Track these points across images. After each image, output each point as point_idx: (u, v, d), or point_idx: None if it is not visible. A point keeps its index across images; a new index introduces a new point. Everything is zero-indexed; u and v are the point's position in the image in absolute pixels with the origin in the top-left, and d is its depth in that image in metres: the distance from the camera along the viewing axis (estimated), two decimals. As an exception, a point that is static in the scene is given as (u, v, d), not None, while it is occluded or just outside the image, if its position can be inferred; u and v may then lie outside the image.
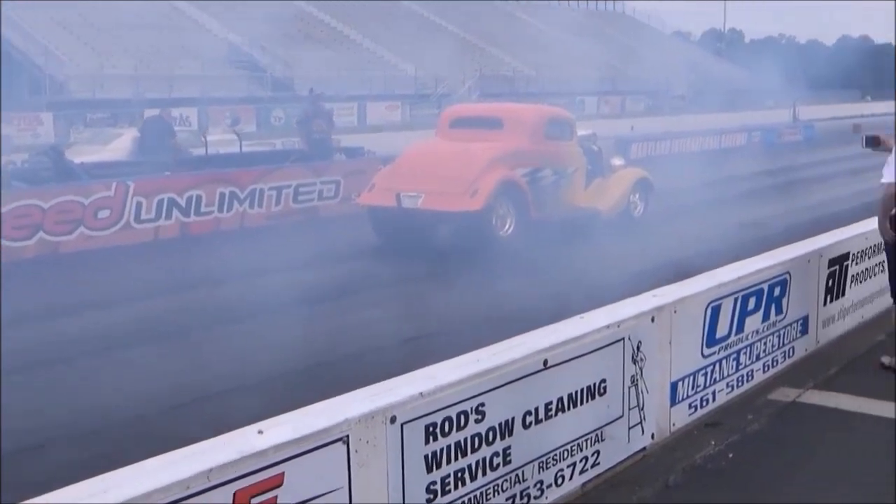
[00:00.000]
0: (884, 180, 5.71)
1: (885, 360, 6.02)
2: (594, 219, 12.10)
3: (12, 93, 36.73)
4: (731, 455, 4.72)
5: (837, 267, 6.57)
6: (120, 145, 16.78)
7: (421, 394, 3.33)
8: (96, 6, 44.10)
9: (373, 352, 6.97)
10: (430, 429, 3.38)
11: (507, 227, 11.08)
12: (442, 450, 3.43)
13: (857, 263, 6.88)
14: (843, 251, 6.65)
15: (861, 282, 6.98)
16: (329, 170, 13.66)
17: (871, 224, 7.32)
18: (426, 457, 3.37)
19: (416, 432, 3.32)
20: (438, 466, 3.42)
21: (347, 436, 3.01)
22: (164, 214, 11.61)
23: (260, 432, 2.87)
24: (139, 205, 11.38)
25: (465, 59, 52.95)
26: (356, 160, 14.60)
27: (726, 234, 11.43)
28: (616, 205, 12.49)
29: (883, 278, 7.37)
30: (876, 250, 7.18)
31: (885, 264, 7.31)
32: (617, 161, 13.46)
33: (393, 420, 3.21)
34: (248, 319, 8.26)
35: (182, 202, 11.76)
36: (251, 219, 12.56)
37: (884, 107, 38.68)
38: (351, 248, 11.75)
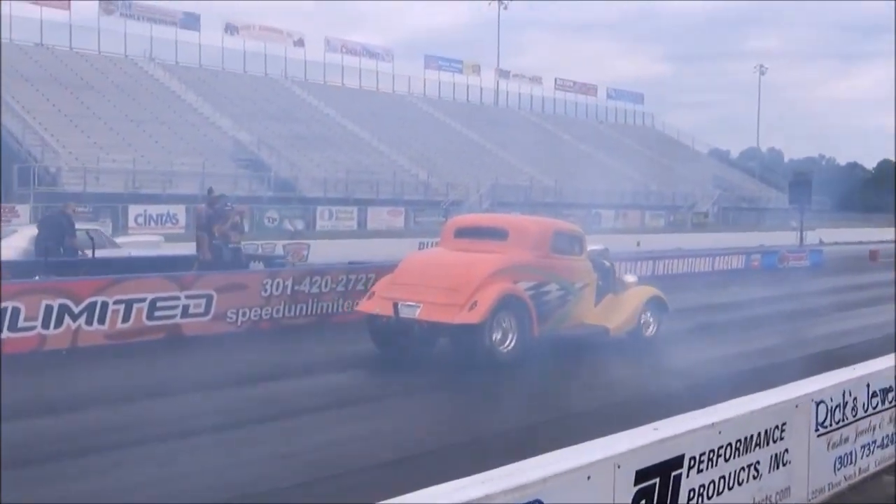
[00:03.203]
0: None
1: None
2: (601, 337, 11.65)
3: (2, 182, 36.11)
4: None
5: (657, 480, 4.36)
6: (12, 243, 15.12)
7: None
8: (100, 96, 43.81)
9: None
10: None
11: (508, 342, 10.48)
12: None
13: (701, 471, 4.66)
14: (671, 454, 4.44)
15: (710, 497, 4.74)
16: (199, 282, 11.70)
17: (732, 408, 5.10)
18: None
19: None
20: None
21: None
22: (-36, 329, 9.70)
23: None
24: (-69, 317, 9.52)
25: (481, 166, 51.73)
26: (232, 273, 12.60)
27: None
28: (625, 323, 12.00)
29: (756, 486, 5.13)
30: (743, 447, 4.95)
31: (758, 466, 5.11)
32: (629, 278, 12.95)
33: None
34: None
35: (-10, 315, 9.86)
36: (88, 337, 10.59)
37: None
38: (210, 374, 9.81)
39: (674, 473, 4.46)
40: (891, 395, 6.43)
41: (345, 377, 10.32)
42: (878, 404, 6.29)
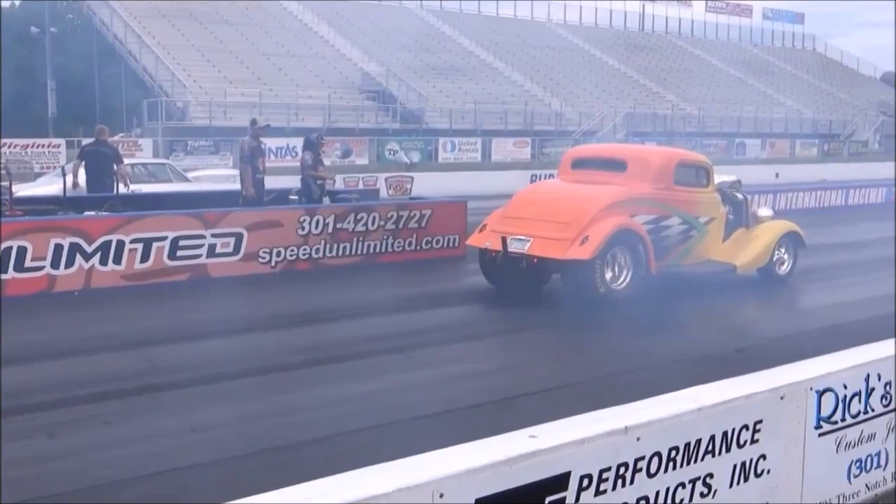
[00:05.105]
0: None
1: None
2: (727, 274, 11.09)
3: (133, 117, 36.95)
4: None
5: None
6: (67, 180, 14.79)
7: None
8: (234, 31, 44.07)
9: None
10: None
11: (622, 279, 10.03)
12: None
13: (603, 492, 3.40)
14: (548, 473, 3.21)
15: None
16: (226, 219, 10.91)
17: (665, 406, 3.78)
18: None
19: None
20: None
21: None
22: (-36, 270, 9.27)
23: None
24: (-73, 257, 9.13)
25: (620, 94, 49.27)
26: (263, 210, 11.70)
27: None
28: (755, 260, 11.37)
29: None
30: (682, 458, 3.64)
31: (709, 480, 3.80)
32: (764, 212, 12.18)
33: None
34: None
35: (-6, 255, 9.40)
36: (102, 278, 10.03)
37: None
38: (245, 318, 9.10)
39: (550, 499, 3.24)
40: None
41: (410, 317, 9.63)
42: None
